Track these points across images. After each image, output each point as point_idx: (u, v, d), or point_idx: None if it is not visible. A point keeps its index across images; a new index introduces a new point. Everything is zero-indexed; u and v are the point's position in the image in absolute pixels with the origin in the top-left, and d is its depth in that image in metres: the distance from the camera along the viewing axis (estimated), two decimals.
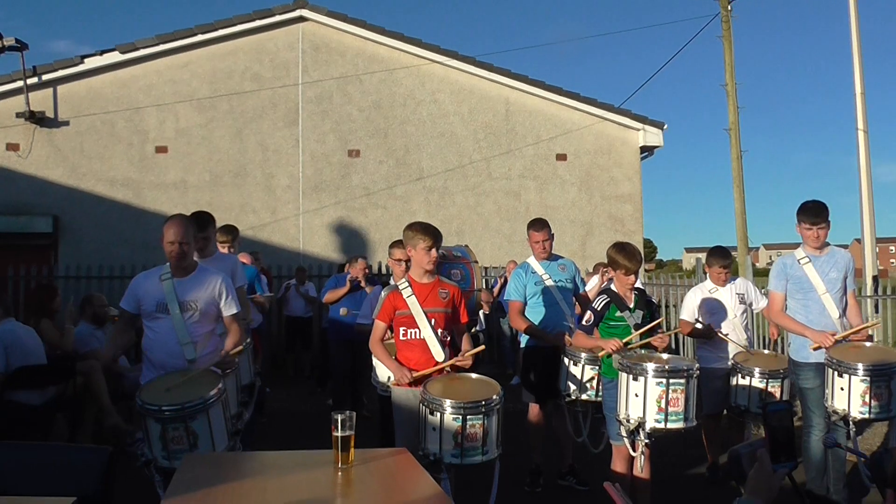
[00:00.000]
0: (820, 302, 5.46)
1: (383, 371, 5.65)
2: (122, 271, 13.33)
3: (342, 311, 8.29)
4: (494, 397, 4.34)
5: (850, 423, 5.20)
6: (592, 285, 8.85)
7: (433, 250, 4.66)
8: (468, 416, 4.23)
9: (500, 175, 15.20)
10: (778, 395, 6.11)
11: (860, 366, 5.09)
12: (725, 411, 6.53)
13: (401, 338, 4.65)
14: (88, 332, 7.44)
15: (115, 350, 4.98)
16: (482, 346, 4.92)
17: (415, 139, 15.05)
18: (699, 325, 6.50)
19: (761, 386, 6.10)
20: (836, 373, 5.19)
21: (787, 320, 5.62)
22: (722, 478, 6.45)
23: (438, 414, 4.24)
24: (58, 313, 7.32)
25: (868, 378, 5.08)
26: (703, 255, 7.54)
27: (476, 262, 6.22)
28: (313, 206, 14.68)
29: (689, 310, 6.62)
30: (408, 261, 6.26)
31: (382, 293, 4.80)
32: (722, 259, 6.55)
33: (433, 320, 4.63)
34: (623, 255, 5.14)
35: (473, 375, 4.66)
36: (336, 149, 14.83)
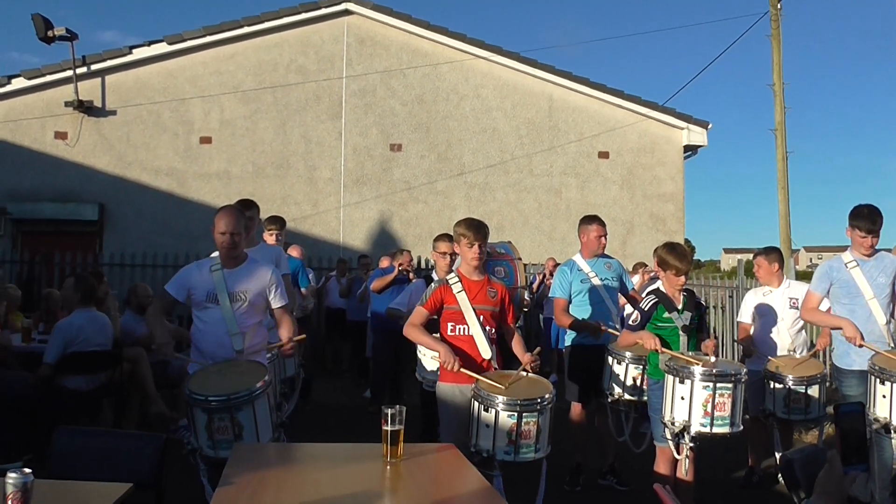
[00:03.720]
0: (867, 307, 5.34)
1: (430, 364, 5.64)
2: (164, 260, 13.51)
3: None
4: (548, 395, 4.34)
5: (893, 431, 5.10)
6: (634, 285, 8.77)
7: (475, 246, 4.64)
8: (524, 414, 4.23)
9: (542, 172, 15.15)
10: (803, 400, 6.01)
11: None
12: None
13: (448, 333, 4.63)
14: (133, 321, 7.55)
15: (165, 336, 4.99)
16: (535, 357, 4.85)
17: (457, 134, 15.05)
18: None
19: (786, 391, 6.02)
20: (878, 380, 5.07)
21: (818, 315, 5.54)
22: (757, 483, 6.39)
23: (493, 411, 4.23)
24: (105, 299, 7.43)
25: None
26: (742, 257, 7.44)
27: (520, 258, 6.20)
28: (354, 199, 14.75)
29: (745, 312, 6.57)
30: (452, 254, 6.28)
31: (433, 285, 4.77)
32: (769, 258, 6.47)
33: (482, 317, 4.61)
34: (674, 256, 5.09)
35: (524, 373, 4.65)
36: (378, 142, 14.88)
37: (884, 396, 5.03)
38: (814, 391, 6.02)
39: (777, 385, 6.05)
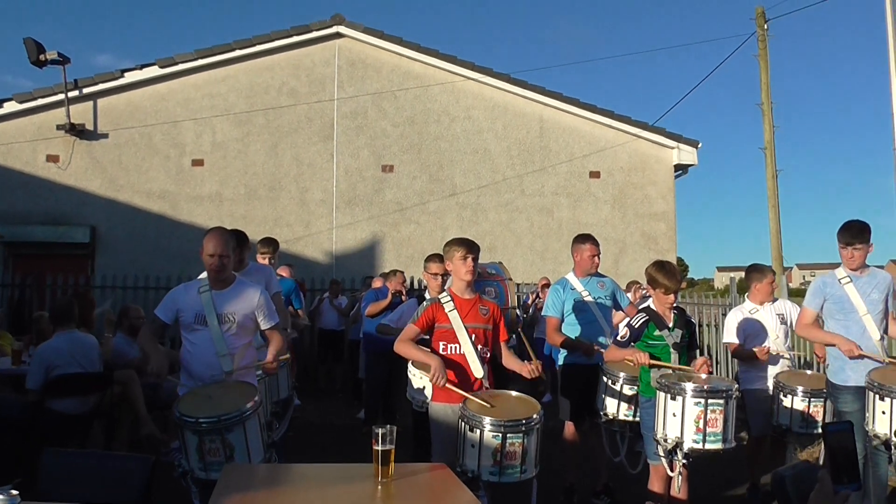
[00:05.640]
0: (861, 323, 5.34)
1: (418, 384, 5.65)
2: (157, 282, 13.48)
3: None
4: (535, 416, 4.32)
5: (892, 447, 5.09)
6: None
7: (468, 259, 4.66)
8: (508, 435, 4.21)
9: (534, 192, 15.19)
10: (821, 415, 6.00)
11: None
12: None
13: (440, 352, 4.62)
14: (125, 343, 7.52)
15: (162, 361, 4.99)
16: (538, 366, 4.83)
17: (448, 155, 15.10)
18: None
19: (804, 406, 6.00)
20: (877, 396, 5.05)
21: (813, 331, 5.53)
22: (762, 500, 6.36)
23: (478, 431, 4.22)
24: (94, 324, 7.42)
25: None
26: (735, 275, 7.43)
27: (510, 279, 6.21)
28: (347, 221, 14.76)
29: (733, 331, 6.48)
30: (444, 274, 6.28)
31: (425, 304, 4.77)
32: (771, 272, 6.49)
33: (473, 336, 4.61)
34: (663, 274, 5.10)
35: (513, 393, 4.64)
36: (370, 164, 14.91)
37: (883, 413, 5.01)
38: (830, 405, 6.00)
39: (795, 400, 6.03)
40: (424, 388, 5.54)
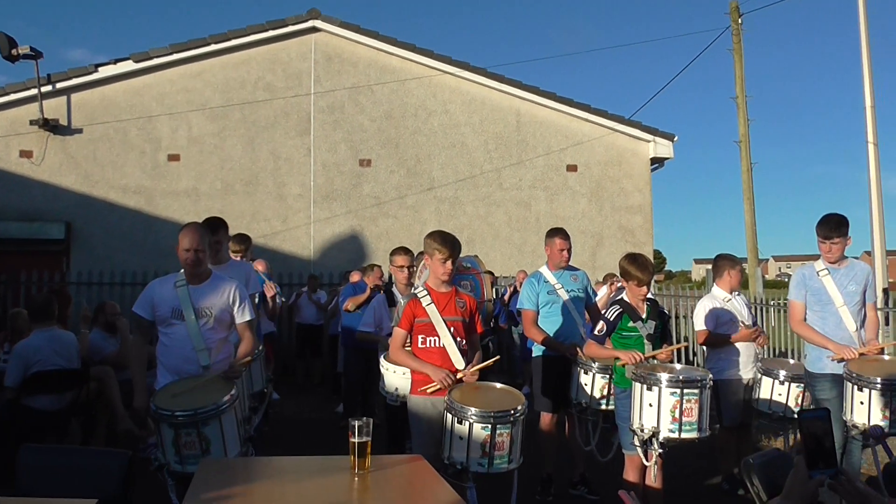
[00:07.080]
0: (837, 314, 5.42)
1: (391, 379, 5.68)
2: (133, 278, 13.38)
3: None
4: (519, 407, 4.38)
5: (871, 437, 5.16)
6: (602, 296, 8.85)
7: (448, 262, 4.67)
8: (498, 426, 4.26)
9: (511, 185, 15.25)
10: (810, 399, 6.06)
11: (879, 379, 5.05)
12: (758, 418, 6.47)
13: (419, 346, 4.64)
14: (101, 338, 7.49)
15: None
16: (492, 360, 4.90)
17: (426, 149, 15.12)
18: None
19: (798, 391, 6.08)
20: (855, 387, 5.14)
21: (808, 331, 5.57)
22: (740, 487, 6.42)
23: (467, 423, 4.26)
24: (69, 320, 7.38)
25: (888, 392, 5.05)
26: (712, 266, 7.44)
27: (486, 272, 6.24)
28: (324, 215, 14.74)
29: (702, 318, 6.47)
30: (410, 266, 6.32)
31: (402, 301, 4.80)
32: (740, 261, 6.57)
33: (452, 328, 4.64)
34: (635, 267, 5.17)
35: (497, 385, 4.68)
36: (347, 158, 14.90)
37: (861, 403, 5.10)
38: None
39: (789, 387, 6.10)
40: (397, 388, 5.59)
